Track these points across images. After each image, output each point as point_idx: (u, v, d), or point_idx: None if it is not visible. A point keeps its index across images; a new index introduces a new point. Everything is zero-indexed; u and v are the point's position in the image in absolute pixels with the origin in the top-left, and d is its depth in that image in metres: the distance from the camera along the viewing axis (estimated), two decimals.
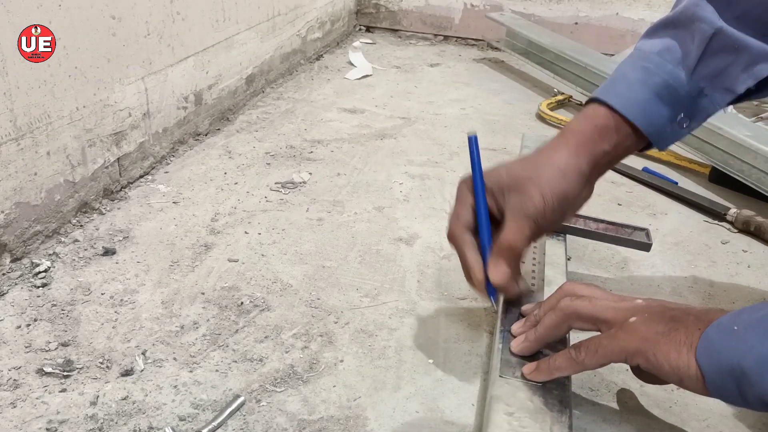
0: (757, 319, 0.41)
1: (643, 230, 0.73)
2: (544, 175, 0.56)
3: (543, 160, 0.57)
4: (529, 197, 0.55)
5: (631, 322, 0.46)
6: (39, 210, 0.75)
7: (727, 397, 0.42)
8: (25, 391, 0.56)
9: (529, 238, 0.56)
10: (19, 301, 0.67)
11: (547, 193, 0.55)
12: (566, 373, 0.50)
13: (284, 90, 1.37)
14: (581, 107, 0.62)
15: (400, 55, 1.70)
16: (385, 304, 0.70)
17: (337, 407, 0.56)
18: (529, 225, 0.55)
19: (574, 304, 0.50)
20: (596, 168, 0.59)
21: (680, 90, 0.58)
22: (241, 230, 0.82)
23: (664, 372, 0.44)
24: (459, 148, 1.11)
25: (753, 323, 0.41)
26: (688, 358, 0.43)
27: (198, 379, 0.58)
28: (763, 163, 0.90)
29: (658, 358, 0.44)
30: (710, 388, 0.42)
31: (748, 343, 0.40)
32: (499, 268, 0.56)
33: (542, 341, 0.52)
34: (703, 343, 0.42)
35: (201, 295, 0.69)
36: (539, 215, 0.55)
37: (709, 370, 0.41)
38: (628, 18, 1.71)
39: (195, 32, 1.04)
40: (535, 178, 0.56)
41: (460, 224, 0.59)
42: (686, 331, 0.44)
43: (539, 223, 0.56)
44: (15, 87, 0.69)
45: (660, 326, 0.45)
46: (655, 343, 0.44)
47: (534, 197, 0.55)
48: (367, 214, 0.88)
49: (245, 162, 1.02)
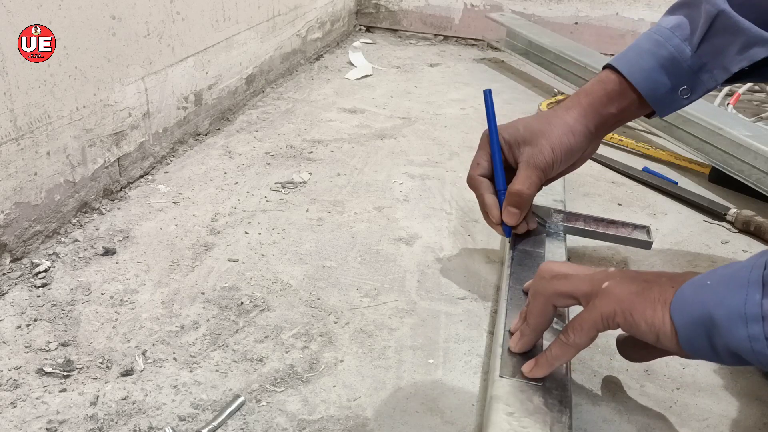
0: (730, 273, 0.41)
1: (644, 228, 0.73)
2: (556, 131, 0.65)
3: (556, 117, 0.66)
4: (540, 150, 0.64)
5: (605, 287, 0.47)
6: (39, 210, 0.75)
7: (698, 350, 0.42)
8: (25, 391, 0.56)
9: (537, 185, 0.66)
10: (19, 301, 0.67)
11: (557, 147, 0.64)
12: (565, 360, 0.50)
13: (284, 90, 1.37)
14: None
15: (400, 55, 1.70)
16: (385, 304, 0.70)
17: (337, 407, 0.56)
18: (538, 174, 0.65)
19: (551, 284, 0.51)
20: (603, 127, 0.67)
21: (683, 63, 0.63)
22: (241, 230, 0.82)
23: (642, 331, 0.44)
24: (459, 148, 1.11)
25: (725, 278, 0.41)
26: (663, 314, 0.43)
27: (198, 379, 0.58)
28: (763, 163, 0.90)
29: (634, 317, 0.44)
30: (682, 342, 0.42)
31: (718, 295, 0.40)
32: (511, 211, 0.66)
33: (536, 331, 0.52)
34: (677, 298, 0.43)
35: (201, 295, 0.69)
36: (548, 166, 0.65)
37: (681, 323, 0.42)
38: (628, 18, 1.71)
39: (195, 32, 1.04)
40: (548, 133, 0.65)
41: (479, 170, 0.69)
42: (660, 289, 0.44)
43: (547, 173, 0.65)
44: (15, 87, 0.69)
45: (633, 286, 0.45)
46: (630, 302, 0.45)
47: (544, 150, 0.64)
48: (367, 214, 0.88)
49: (245, 162, 1.02)
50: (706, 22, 0.62)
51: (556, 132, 0.65)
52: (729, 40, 0.61)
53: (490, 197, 0.68)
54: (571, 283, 0.49)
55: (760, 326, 0.37)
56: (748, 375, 0.62)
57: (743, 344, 0.38)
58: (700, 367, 0.62)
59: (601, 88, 0.66)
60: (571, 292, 0.49)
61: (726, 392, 0.60)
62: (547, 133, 0.65)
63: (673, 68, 0.64)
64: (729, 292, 0.40)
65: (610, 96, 0.65)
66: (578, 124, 0.65)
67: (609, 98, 0.65)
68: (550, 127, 0.65)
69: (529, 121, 0.67)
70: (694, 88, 0.65)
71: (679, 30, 0.64)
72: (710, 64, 0.63)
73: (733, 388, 0.61)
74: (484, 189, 0.69)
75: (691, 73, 0.64)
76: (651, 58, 0.64)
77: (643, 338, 0.45)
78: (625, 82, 0.65)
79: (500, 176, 0.68)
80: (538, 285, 0.52)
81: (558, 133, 0.65)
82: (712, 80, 0.64)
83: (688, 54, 0.63)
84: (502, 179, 0.68)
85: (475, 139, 0.67)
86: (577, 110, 0.66)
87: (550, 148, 0.64)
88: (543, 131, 0.65)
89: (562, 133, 0.65)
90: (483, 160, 0.69)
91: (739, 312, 0.38)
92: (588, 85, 0.67)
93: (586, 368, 0.62)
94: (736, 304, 0.39)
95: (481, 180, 0.69)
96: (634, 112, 0.67)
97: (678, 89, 0.64)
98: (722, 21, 0.61)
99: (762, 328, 0.37)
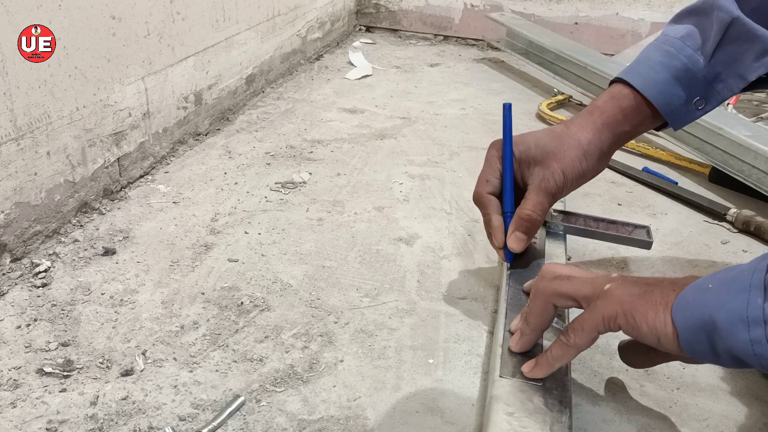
0: (732, 276, 0.41)
1: (644, 228, 0.73)
2: (569, 154, 0.62)
3: (569, 137, 0.63)
4: (551, 173, 0.62)
5: (607, 289, 0.47)
6: (39, 210, 0.75)
7: (699, 353, 0.42)
8: (25, 391, 0.56)
9: (547, 210, 0.64)
10: (19, 301, 0.67)
11: (569, 172, 0.63)
12: (565, 361, 0.50)
13: (284, 90, 1.37)
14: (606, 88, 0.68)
15: (400, 55, 1.70)
16: (385, 304, 0.70)
17: (337, 407, 0.56)
18: (549, 200, 0.63)
19: (552, 284, 0.51)
20: (615, 145, 0.65)
21: (698, 74, 0.62)
22: (241, 230, 0.82)
23: (643, 333, 0.44)
24: (459, 148, 1.11)
25: (727, 281, 0.41)
26: (664, 316, 0.43)
27: (198, 379, 0.58)
28: (763, 163, 0.90)
29: (636, 319, 0.44)
30: (683, 345, 0.42)
31: (720, 298, 0.40)
32: (519, 237, 0.63)
33: (536, 330, 0.52)
34: (679, 301, 0.42)
35: (201, 295, 0.69)
36: (558, 191, 0.63)
37: (683, 326, 0.42)
38: (628, 18, 1.71)
39: (195, 32, 1.04)
40: (560, 155, 0.62)
41: (488, 188, 0.65)
42: (662, 292, 0.44)
43: (556, 198, 0.64)
44: (15, 87, 0.69)
45: (635, 289, 0.45)
46: (631, 304, 0.45)
47: (556, 175, 0.62)
48: (367, 214, 0.88)
49: (245, 162, 1.02)
50: (720, 30, 0.60)
51: (569, 155, 0.62)
52: (745, 47, 0.60)
53: (497, 218, 0.65)
54: (572, 285, 0.49)
55: (762, 329, 0.37)
56: (748, 375, 0.62)
57: (745, 347, 0.38)
58: (700, 368, 0.62)
59: (616, 105, 0.64)
60: (572, 293, 0.49)
61: (726, 392, 0.60)
62: (559, 156, 0.62)
63: (687, 79, 0.62)
64: (731, 295, 0.40)
65: (625, 113, 0.63)
66: (592, 146, 0.63)
67: (624, 116, 0.64)
68: (562, 148, 0.63)
69: (541, 139, 0.64)
70: (709, 98, 0.63)
71: (690, 39, 0.62)
72: (725, 74, 0.62)
73: (733, 388, 0.60)
74: (492, 209, 0.65)
75: (705, 84, 0.62)
76: (664, 71, 0.62)
77: (644, 341, 0.45)
78: (639, 97, 0.63)
79: (509, 199, 0.65)
80: (540, 285, 0.52)
81: (571, 156, 0.62)
82: (728, 90, 0.63)
83: (701, 64, 0.62)
84: (511, 202, 0.65)
85: (475, 139, 0.67)
86: (591, 130, 0.63)
87: (561, 173, 0.62)
88: (555, 153, 0.62)
89: (575, 157, 0.62)
90: (493, 177, 0.65)
91: (741, 315, 0.38)
92: (601, 102, 0.65)
93: (586, 368, 0.62)
94: (737, 307, 0.39)
95: (490, 199, 0.65)
96: (646, 126, 0.65)
97: (692, 101, 0.63)
98: (737, 28, 0.60)
99: (764, 331, 0.37)
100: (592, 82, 1.30)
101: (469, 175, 1.01)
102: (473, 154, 1.09)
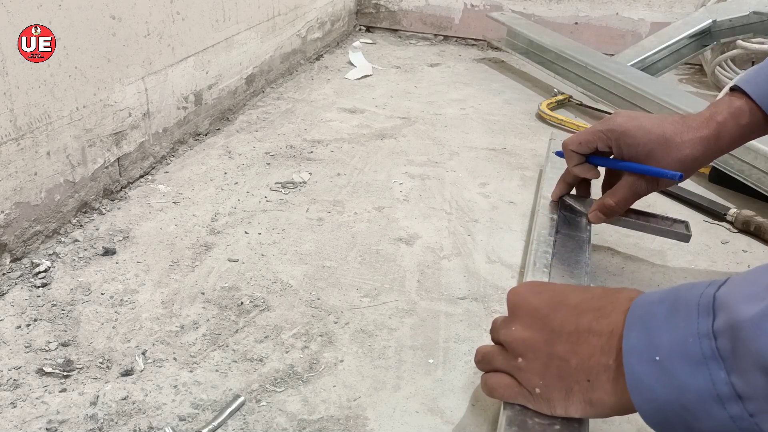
0: (678, 347, 0.37)
1: (683, 222, 0.75)
2: (669, 167, 0.66)
3: (677, 149, 0.65)
4: (649, 180, 0.68)
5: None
6: (39, 210, 0.75)
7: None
8: (25, 391, 0.56)
9: (629, 205, 0.72)
10: (19, 301, 0.67)
11: (661, 184, 0.68)
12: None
13: (284, 90, 1.37)
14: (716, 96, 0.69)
15: (400, 55, 1.70)
16: (385, 304, 0.70)
17: (337, 407, 0.56)
18: (634, 199, 0.70)
19: (490, 381, 0.49)
20: (711, 160, 0.69)
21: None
22: (241, 230, 0.82)
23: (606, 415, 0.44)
24: (459, 148, 1.11)
25: (673, 349, 0.37)
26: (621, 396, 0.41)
27: (198, 379, 0.58)
28: (763, 163, 0.90)
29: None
30: (650, 425, 0.39)
31: (680, 379, 0.37)
32: (598, 216, 0.73)
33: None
34: (630, 379, 0.39)
35: (201, 295, 0.69)
36: (644, 195, 0.70)
37: (648, 411, 0.39)
38: (628, 18, 1.71)
39: (195, 32, 1.04)
40: (663, 164, 0.66)
41: (581, 148, 0.71)
42: (579, 387, 0.43)
43: (641, 197, 0.70)
44: (15, 87, 0.69)
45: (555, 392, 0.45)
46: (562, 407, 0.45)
47: (651, 183, 0.68)
48: (367, 214, 0.88)
49: (245, 162, 1.02)
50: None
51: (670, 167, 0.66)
52: None
53: (567, 178, 0.77)
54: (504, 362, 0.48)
55: (739, 405, 0.35)
56: None
57: (727, 425, 0.36)
58: None
59: (735, 122, 0.64)
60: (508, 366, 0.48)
61: None
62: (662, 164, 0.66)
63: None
64: (688, 372, 0.36)
65: (742, 131, 0.64)
66: (694, 164, 0.66)
67: (741, 134, 0.65)
68: (666, 161, 0.65)
69: (650, 142, 0.66)
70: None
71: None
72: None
73: None
74: (572, 163, 0.74)
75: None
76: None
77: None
78: (755, 109, 0.64)
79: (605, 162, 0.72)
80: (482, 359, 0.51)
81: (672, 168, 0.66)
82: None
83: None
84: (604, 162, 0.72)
85: (475, 139, 0.67)
86: (700, 149, 0.65)
87: (656, 184, 0.68)
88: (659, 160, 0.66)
89: (676, 169, 0.66)
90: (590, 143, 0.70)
91: (711, 394, 0.36)
92: (721, 115, 0.65)
93: None
94: (703, 386, 0.36)
95: (577, 157, 0.72)
96: (754, 138, 0.66)
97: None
98: None
99: (742, 407, 0.35)
100: (593, 82, 1.30)
101: (469, 175, 1.01)
102: (473, 154, 1.09)
